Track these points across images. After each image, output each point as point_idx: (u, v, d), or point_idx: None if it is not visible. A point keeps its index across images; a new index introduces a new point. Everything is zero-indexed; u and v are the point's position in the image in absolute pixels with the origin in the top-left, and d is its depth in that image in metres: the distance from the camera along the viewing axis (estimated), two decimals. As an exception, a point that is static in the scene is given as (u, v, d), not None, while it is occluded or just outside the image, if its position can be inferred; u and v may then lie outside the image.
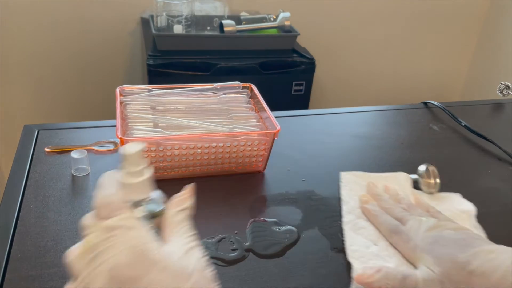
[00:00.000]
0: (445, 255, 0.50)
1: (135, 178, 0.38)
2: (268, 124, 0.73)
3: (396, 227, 0.58)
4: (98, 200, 0.37)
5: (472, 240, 0.51)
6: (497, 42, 2.33)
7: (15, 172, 0.69)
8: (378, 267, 0.52)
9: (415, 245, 0.54)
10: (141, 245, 0.34)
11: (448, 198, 0.70)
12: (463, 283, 0.46)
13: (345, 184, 0.71)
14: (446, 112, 0.97)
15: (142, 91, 0.77)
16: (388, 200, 0.64)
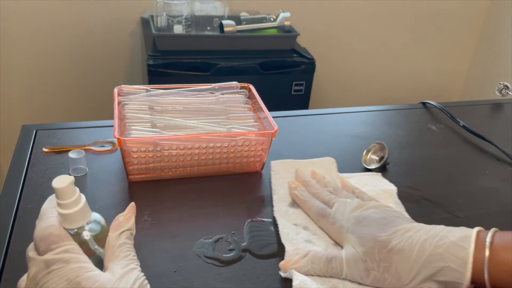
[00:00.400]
0: (367, 234, 0.52)
1: (70, 209, 0.40)
2: (266, 124, 0.73)
3: (323, 210, 0.60)
4: (37, 233, 0.39)
5: (393, 218, 0.53)
6: (497, 42, 2.33)
7: (13, 172, 0.69)
8: (304, 252, 0.53)
9: (341, 227, 0.56)
10: (77, 277, 0.37)
11: (371, 179, 0.73)
12: (384, 260, 0.49)
13: (275, 173, 0.71)
14: (444, 112, 0.97)
15: (140, 91, 0.77)
16: (315, 185, 0.66)
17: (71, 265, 0.37)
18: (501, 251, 0.45)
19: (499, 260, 0.45)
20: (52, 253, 0.37)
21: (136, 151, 0.65)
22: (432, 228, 0.50)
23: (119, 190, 0.67)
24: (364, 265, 0.50)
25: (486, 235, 0.47)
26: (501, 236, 0.47)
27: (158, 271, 0.53)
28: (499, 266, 0.45)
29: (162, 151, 0.66)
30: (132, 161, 0.66)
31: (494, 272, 0.45)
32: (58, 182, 0.39)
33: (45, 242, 0.38)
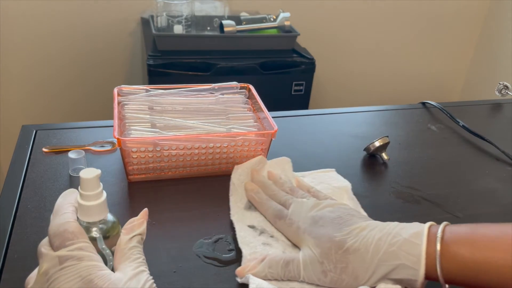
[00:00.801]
0: (324, 235, 0.52)
1: (91, 201, 0.41)
2: (265, 124, 0.73)
3: (279, 212, 0.59)
4: (52, 229, 0.39)
5: (348, 217, 0.53)
6: (497, 42, 2.33)
7: (12, 172, 0.69)
8: (261, 256, 0.53)
9: (298, 228, 0.56)
10: (90, 275, 0.37)
11: (325, 176, 0.72)
12: (341, 261, 0.49)
13: (236, 168, 0.70)
14: (444, 112, 0.97)
15: (140, 91, 0.77)
16: (271, 186, 0.65)
17: (84, 262, 0.37)
18: (452, 245, 0.46)
19: (450, 254, 0.45)
20: (66, 249, 0.38)
21: (135, 151, 0.65)
22: (386, 225, 0.50)
23: (118, 190, 0.67)
24: (321, 267, 0.50)
25: (437, 230, 0.47)
26: (451, 230, 0.47)
27: (158, 271, 0.53)
28: (450, 260, 0.45)
29: (161, 151, 0.67)
30: (131, 161, 0.66)
31: (447, 266, 0.45)
32: (85, 173, 0.41)
33: (60, 238, 0.38)
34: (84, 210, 0.41)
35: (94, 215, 0.42)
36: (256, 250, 0.55)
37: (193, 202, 0.66)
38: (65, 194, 0.43)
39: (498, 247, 0.44)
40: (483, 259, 0.44)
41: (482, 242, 0.45)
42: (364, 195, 0.71)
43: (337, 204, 0.57)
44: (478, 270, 0.44)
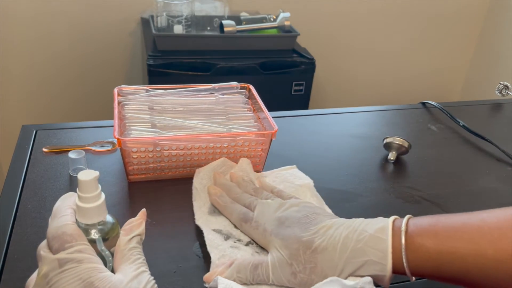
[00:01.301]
0: (291, 236, 0.51)
1: (90, 203, 0.41)
2: (266, 124, 0.73)
3: (245, 215, 0.58)
4: (50, 232, 0.39)
5: (314, 216, 0.53)
6: (497, 42, 2.33)
7: (12, 172, 0.69)
8: (229, 261, 0.52)
9: (265, 230, 0.54)
10: (90, 277, 0.37)
11: (287, 174, 0.70)
12: (310, 262, 0.48)
13: (198, 172, 0.68)
14: (444, 112, 0.97)
15: (140, 92, 0.77)
16: (234, 189, 0.63)
17: (84, 265, 0.37)
18: (416, 238, 0.46)
19: (415, 246, 0.46)
20: (65, 252, 0.38)
21: (136, 151, 0.65)
22: (352, 222, 0.50)
23: (118, 191, 0.67)
24: (290, 268, 0.49)
25: (401, 223, 0.47)
26: (414, 223, 0.47)
27: (157, 271, 0.53)
28: (416, 252, 0.46)
29: (162, 151, 0.66)
30: (132, 161, 0.66)
31: (412, 259, 0.46)
32: (84, 174, 0.40)
33: (59, 241, 0.38)
34: (82, 212, 0.41)
35: (93, 217, 0.41)
36: (225, 253, 0.54)
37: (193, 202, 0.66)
38: (64, 197, 0.43)
39: (461, 237, 0.44)
40: (447, 249, 0.44)
41: (445, 233, 0.45)
42: (364, 195, 0.71)
43: (302, 203, 0.57)
44: (443, 260, 0.45)
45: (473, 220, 0.45)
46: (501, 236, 0.42)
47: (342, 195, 0.71)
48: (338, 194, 0.71)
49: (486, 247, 0.43)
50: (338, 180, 0.74)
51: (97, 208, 0.41)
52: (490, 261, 0.42)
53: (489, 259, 0.42)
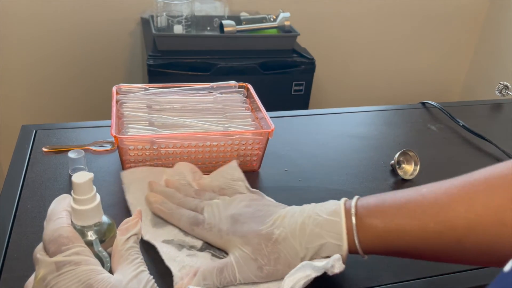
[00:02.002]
0: (249, 232, 0.52)
1: (85, 205, 0.40)
2: (263, 124, 0.73)
3: (194, 218, 0.56)
4: (46, 235, 0.39)
5: (265, 208, 0.55)
6: (497, 42, 2.33)
7: (12, 171, 0.69)
8: (193, 271, 0.51)
9: (219, 230, 0.54)
10: (89, 279, 0.37)
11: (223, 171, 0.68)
12: (273, 253, 0.50)
13: (127, 186, 0.64)
14: (444, 112, 0.97)
15: (139, 90, 0.77)
16: (175, 194, 0.61)
17: (82, 267, 0.37)
18: (365, 218, 0.49)
19: (365, 227, 0.49)
20: (63, 254, 0.37)
21: (132, 149, 0.66)
22: (304, 208, 0.52)
23: (118, 190, 0.67)
24: (255, 263, 0.50)
25: (351, 205, 0.50)
26: (362, 204, 0.50)
27: (157, 271, 0.53)
28: (366, 232, 0.49)
29: (158, 149, 0.67)
30: (129, 159, 0.67)
31: (364, 239, 0.49)
32: (78, 177, 0.40)
33: (55, 243, 0.38)
34: (78, 214, 0.41)
35: (89, 218, 0.41)
36: (184, 263, 0.53)
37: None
38: (58, 200, 0.43)
39: (405, 214, 0.47)
40: (394, 227, 0.47)
41: (390, 211, 0.48)
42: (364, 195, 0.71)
43: (248, 197, 0.58)
44: (391, 238, 0.48)
45: (415, 196, 0.48)
46: (439, 210, 0.45)
47: (341, 195, 0.70)
48: (337, 194, 0.70)
49: (427, 221, 0.46)
50: (338, 180, 0.74)
51: (92, 210, 0.41)
52: (432, 233, 0.45)
53: (431, 232, 0.45)
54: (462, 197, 0.45)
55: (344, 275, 0.55)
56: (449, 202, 0.46)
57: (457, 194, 0.46)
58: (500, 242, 0.43)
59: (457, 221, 0.44)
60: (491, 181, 0.45)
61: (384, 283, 0.56)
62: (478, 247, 0.44)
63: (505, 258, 0.39)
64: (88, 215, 0.41)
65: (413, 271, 0.57)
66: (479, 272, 0.58)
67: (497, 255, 0.44)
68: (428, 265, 0.58)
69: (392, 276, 0.56)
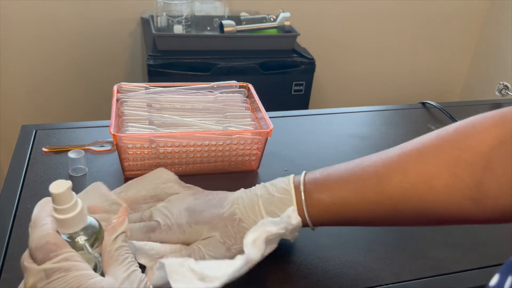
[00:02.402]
0: (213, 217, 0.53)
1: (67, 214, 0.39)
2: (263, 123, 0.73)
3: (147, 226, 0.53)
4: (33, 242, 0.38)
5: (216, 196, 0.56)
6: (497, 42, 2.33)
7: (12, 172, 0.69)
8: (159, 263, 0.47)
9: (179, 226, 0.53)
10: (80, 285, 0.36)
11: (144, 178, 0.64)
12: (239, 232, 0.52)
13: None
14: (444, 112, 0.97)
15: (139, 89, 0.77)
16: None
17: (72, 273, 0.37)
18: (313, 194, 0.52)
19: (314, 201, 0.51)
20: (51, 262, 0.37)
21: (131, 148, 0.66)
22: (255, 190, 0.54)
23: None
24: (224, 246, 0.51)
25: (299, 183, 0.53)
26: (309, 180, 0.53)
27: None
28: (315, 207, 0.51)
29: (157, 148, 0.67)
30: (128, 158, 0.67)
31: (313, 213, 0.52)
32: (55, 187, 0.38)
33: (43, 251, 0.37)
34: (61, 223, 0.39)
35: (73, 226, 0.40)
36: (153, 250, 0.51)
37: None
38: (41, 204, 0.42)
39: (349, 187, 0.50)
40: (339, 200, 0.51)
41: (335, 185, 0.51)
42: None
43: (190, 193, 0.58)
44: (337, 210, 0.51)
45: (356, 170, 0.52)
46: (377, 182, 0.49)
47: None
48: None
49: (367, 192, 0.49)
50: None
51: (75, 217, 0.39)
52: (372, 203, 0.49)
53: (371, 202, 0.49)
54: (397, 168, 0.48)
55: (344, 275, 0.56)
56: (386, 173, 0.49)
57: (393, 165, 0.49)
58: (432, 207, 0.47)
59: (393, 190, 0.48)
60: (423, 150, 0.49)
61: (384, 283, 0.56)
62: (413, 212, 0.48)
63: (438, 221, 0.49)
64: (72, 223, 0.40)
65: (413, 271, 0.58)
66: (479, 272, 0.59)
67: (430, 219, 0.48)
68: (428, 265, 0.59)
69: (392, 276, 0.57)
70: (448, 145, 0.47)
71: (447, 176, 0.45)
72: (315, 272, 0.56)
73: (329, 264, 0.57)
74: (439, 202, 0.46)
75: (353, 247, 0.61)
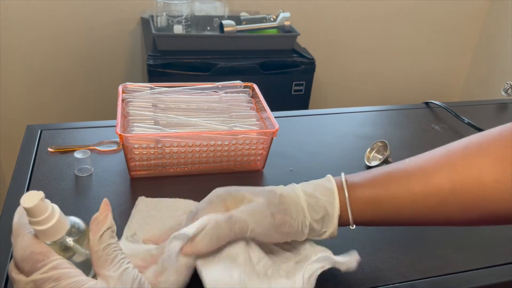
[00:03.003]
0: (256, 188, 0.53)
1: (45, 225, 0.38)
2: (268, 123, 0.73)
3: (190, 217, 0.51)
4: (17, 254, 0.37)
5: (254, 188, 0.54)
6: (497, 42, 2.33)
7: (18, 172, 0.69)
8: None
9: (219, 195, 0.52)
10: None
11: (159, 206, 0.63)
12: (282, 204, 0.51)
13: (135, 213, 0.60)
14: (448, 111, 0.98)
15: (144, 89, 0.77)
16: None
17: (63, 282, 0.36)
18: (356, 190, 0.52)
19: (356, 196, 0.51)
20: (40, 272, 0.36)
21: (137, 148, 0.66)
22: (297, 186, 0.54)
23: (124, 190, 0.67)
24: (268, 210, 0.49)
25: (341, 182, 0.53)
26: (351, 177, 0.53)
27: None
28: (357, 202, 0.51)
29: (163, 148, 0.67)
30: (134, 157, 0.67)
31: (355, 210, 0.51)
32: (27, 201, 0.37)
33: (29, 261, 0.37)
34: (42, 234, 0.38)
35: (55, 234, 0.39)
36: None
37: (195, 199, 0.66)
38: (19, 212, 0.40)
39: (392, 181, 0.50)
40: (383, 193, 0.50)
41: (378, 180, 0.51)
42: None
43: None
44: (381, 205, 0.50)
45: (399, 166, 0.52)
46: (423, 175, 0.49)
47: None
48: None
49: (413, 185, 0.49)
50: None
51: (55, 225, 0.38)
52: (419, 197, 0.48)
53: (418, 195, 0.48)
54: (445, 163, 0.48)
55: (351, 275, 0.56)
56: (432, 167, 0.48)
57: (440, 160, 0.48)
58: (481, 201, 0.46)
59: (441, 182, 0.47)
60: (471, 147, 0.48)
61: (391, 283, 0.56)
62: (460, 207, 0.47)
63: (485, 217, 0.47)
64: (53, 231, 0.38)
65: (418, 271, 0.58)
66: (485, 272, 0.59)
67: (478, 213, 0.47)
68: (434, 265, 0.59)
69: (399, 275, 0.57)
70: (497, 143, 0.46)
71: (498, 172, 0.44)
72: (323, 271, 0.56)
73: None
74: (489, 197, 0.45)
75: (360, 247, 0.60)
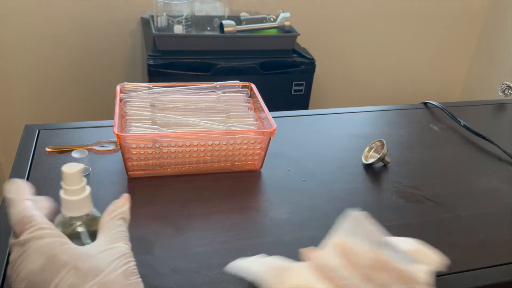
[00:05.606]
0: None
1: (75, 196, 0.40)
2: (266, 123, 0.73)
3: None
4: (12, 219, 0.39)
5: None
6: (497, 42, 2.33)
7: (16, 172, 0.69)
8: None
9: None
10: (51, 250, 0.36)
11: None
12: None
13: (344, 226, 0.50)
14: (446, 112, 0.98)
15: (142, 89, 0.77)
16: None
17: (45, 239, 0.37)
18: None
19: None
20: (27, 232, 0.37)
21: (135, 148, 0.66)
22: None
23: (122, 190, 0.67)
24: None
25: None
26: None
27: (157, 270, 0.53)
28: None
29: (161, 148, 0.67)
30: (131, 157, 0.67)
31: None
32: (68, 167, 0.40)
33: (20, 224, 0.38)
34: (67, 205, 0.41)
35: (78, 209, 0.41)
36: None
37: (192, 199, 0.66)
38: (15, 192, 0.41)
39: None
40: None
41: None
42: (366, 194, 0.71)
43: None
44: None
45: None
46: None
47: (344, 195, 0.71)
48: (341, 194, 0.71)
49: None
50: (341, 179, 0.74)
51: (81, 201, 0.41)
52: None
53: None
54: None
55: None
56: None
57: None
58: None
59: None
60: None
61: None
62: None
63: None
64: (77, 206, 0.41)
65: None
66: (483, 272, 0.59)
67: None
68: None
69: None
70: None
71: None
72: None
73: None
74: None
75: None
